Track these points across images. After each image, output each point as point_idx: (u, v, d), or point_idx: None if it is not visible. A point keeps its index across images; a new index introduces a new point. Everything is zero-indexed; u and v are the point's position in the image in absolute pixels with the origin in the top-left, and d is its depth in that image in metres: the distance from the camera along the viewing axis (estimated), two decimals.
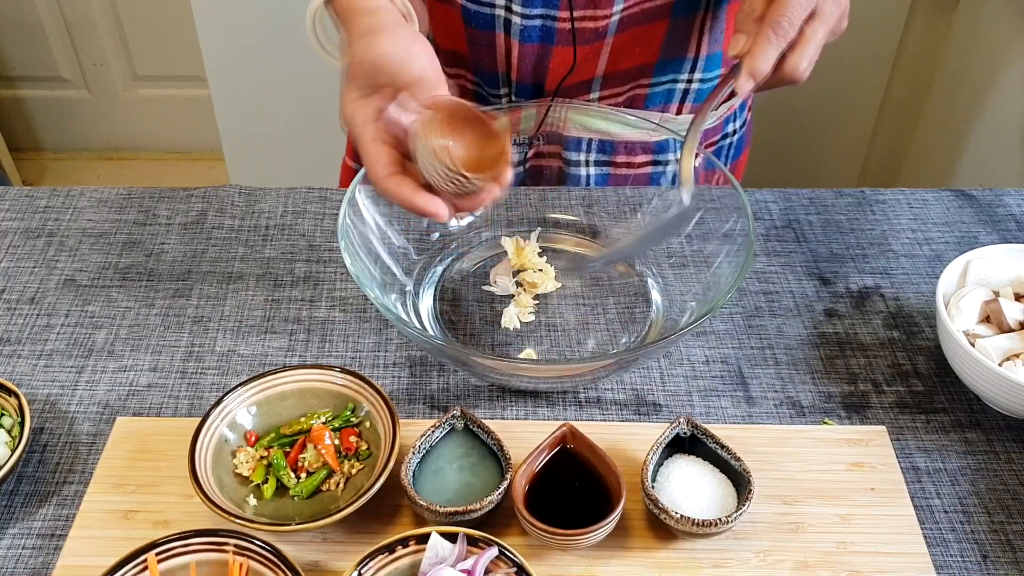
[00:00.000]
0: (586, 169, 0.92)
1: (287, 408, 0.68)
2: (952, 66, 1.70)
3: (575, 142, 0.90)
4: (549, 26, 0.83)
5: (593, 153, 0.91)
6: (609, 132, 0.89)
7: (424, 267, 0.82)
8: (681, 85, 0.90)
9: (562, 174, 0.92)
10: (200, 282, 0.82)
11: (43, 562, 0.62)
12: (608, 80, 0.88)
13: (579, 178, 0.92)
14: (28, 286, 0.82)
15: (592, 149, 0.90)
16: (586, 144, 0.90)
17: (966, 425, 0.71)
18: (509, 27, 0.83)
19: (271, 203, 0.91)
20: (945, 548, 0.63)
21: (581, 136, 0.89)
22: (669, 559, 0.61)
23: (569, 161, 0.91)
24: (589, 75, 0.87)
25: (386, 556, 0.57)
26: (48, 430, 0.70)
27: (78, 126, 2.56)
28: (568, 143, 0.90)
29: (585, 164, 0.91)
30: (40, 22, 2.35)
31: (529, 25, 0.83)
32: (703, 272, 0.77)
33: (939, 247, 0.87)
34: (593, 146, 0.90)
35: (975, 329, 0.71)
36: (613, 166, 0.92)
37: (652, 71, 0.88)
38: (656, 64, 0.87)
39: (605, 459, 0.62)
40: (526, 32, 0.83)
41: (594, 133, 0.89)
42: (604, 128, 0.88)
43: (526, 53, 0.85)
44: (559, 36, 0.83)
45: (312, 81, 1.88)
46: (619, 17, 0.82)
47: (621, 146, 0.90)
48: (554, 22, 0.82)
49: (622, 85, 0.88)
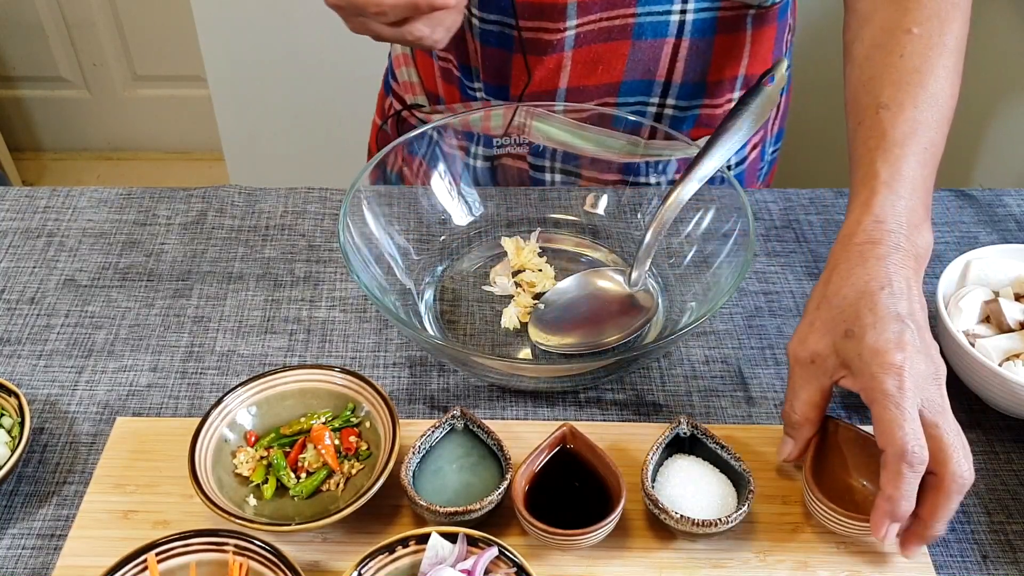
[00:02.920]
0: (551, 175, 0.92)
1: (287, 408, 0.68)
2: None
3: (538, 147, 0.90)
4: (507, 33, 0.83)
5: (559, 162, 0.91)
6: (573, 145, 0.88)
7: (424, 267, 0.82)
8: (652, 108, 0.89)
9: (526, 176, 0.92)
10: (200, 282, 0.82)
11: (43, 562, 0.62)
12: (572, 94, 0.88)
13: (544, 183, 0.93)
14: (28, 286, 0.82)
15: (557, 158, 0.90)
16: (550, 152, 0.90)
17: (966, 425, 0.71)
18: (472, 27, 0.84)
19: (271, 203, 0.91)
20: (945, 548, 0.63)
21: (545, 145, 0.89)
22: (669, 559, 0.61)
23: (534, 166, 0.91)
24: (553, 86, 0.87)
25: (386, 556, 0.57)
26: (48, 430, 0.70)
27: (78, 126, 2.56)
28: (533, 148, 0.90)
29: (551, 171, 0.92)
30: (40, 22, 2.35)
31: (487, 29, 0.83)
32: (703, 272, 0.77)
33: (939, 247, 0.87)
34: (558, 155, 0.90)
35: (975, 329, 0.71)
36: (580, 177, 0.92)
37: (618, 90, 0.87)
38: (621, 84, 0.87)
39: (605, 459, 0.62)
40: (485, 36, 0.84)
41: (558, 144, 0.88)
42: (568, 141, 0.88)
43: (488, 55, 0.86)
44: (516, 44, 0.84)
45: (312, 81, 1.88)
46: (574, 33, 0.82)
47: (586, 160, 0.90)
48: (511, 30, 0.83)
49: (587, 100, 0.88)
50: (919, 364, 0.56)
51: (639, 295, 0.77)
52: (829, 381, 0.61)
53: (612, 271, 0.79)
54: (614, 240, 0.86)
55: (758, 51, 0.88)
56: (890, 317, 0.57)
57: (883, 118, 0.65)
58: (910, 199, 0.62)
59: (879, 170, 0.63)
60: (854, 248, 0.61)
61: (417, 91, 0.98)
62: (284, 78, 1.88)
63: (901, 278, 0.59)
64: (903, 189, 0.62)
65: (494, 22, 0.83)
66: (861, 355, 0.57)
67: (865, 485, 0.63)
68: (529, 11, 0.82)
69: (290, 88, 1.90)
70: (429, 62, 0.94)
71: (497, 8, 0.82)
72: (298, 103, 1.92)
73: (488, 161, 0.91)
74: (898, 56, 0.68)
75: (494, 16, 0.83)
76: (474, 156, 0.90)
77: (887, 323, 0.57)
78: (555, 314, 0.77)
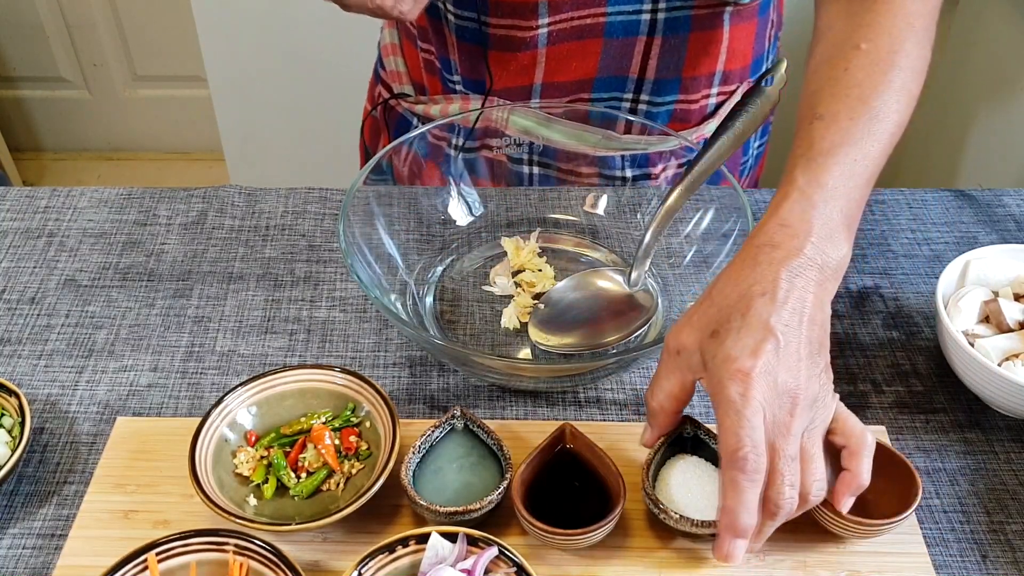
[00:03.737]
0: (529, 168, 0.92)
1: (287, 408, 0.68)
2: (952, 66, 1.70)
3: (517, 141, 0.90)
4: (482, 30, 0.83)
5: (536, 155, 0.91)
6: (550, 139, 0.88)
7: (424, 267, 0.82)
8: (626, 104, 0.89)
9: (505, 170, 0.92)
10: (200, 282, 0.82)
11: (43, 562, 0.62)
12: (547, 89, 0.88)
13: (522, 175, 0.93)
14: (28, 286, 0.82)
15: (534, 151, 0.90)
16: (527, 144, 0.90)
17: (965, 425, 0.71)
18: (448, 22, 0.85)
19: (271, 203, 0.91)
20: (945, 548, 0.63)
21: (521, 137, 0.89)
22: (669, 559, 0.61)
23: (511, 158, 0.91)
24: (528, 82, 0.88)
25: (386, 556, 0.57)
26: (48, 430, 0.70)
27: (78, 126, 2.57)
28: (511, 141, 0.90)
29: (528, 163, 0.92)
30: (40, 22, 2.35)
31: (462, 25, 0.84)
32: (703, 272, 0.77)
33: (938, 247, 0.87)
34: (535, 148, 0.90)
35: (974, 329, 0.71)
36: (557, 170, 0.92)
37: (591, 86, 0.88)
38: (595, 80, 0.87)
39: (605, 459, 0.62)
40: (460, 31, 0.85)
41: (533, 137, 0.88)
42: (545, 135, 0.88)
43: (463, 50, 0.87)
44: (492, 41, 0.84)
45: (312, 81, 1.88)
46: (547, 31, 0.83)
47: (562, 154, 0.90)
48: (486, 27, 0.83)
49: (562, 96, 0.89)
50: (772, 377, 0.53)
51: (639, 295, 0.77)
52: (692, 376, 0.59)
53: (612, 271, 0.79)
54: (614, 240, 0.86)
55: (737, 48, 0.88)
56: (758, 325, 0.54)
57: (815, 128, 0.63)
58: (825, 208, 0.58)
59: (796, 177, 0.60)
60: (751, 249, 0.58)
61: (404, 80, 0.98)
62: (284, 78, 1.88)
63: (789, 286, 0.56)
64: (818, 197, 0.59)
65: (468, 18, 0.83)
66: (716, 357, 0.55)
67: None
68: (502, 9, 0.82)
69: (290, 88, 1.90)
70: (415, 52, 0.95)
71: (471, 5, 0.82)
72: (298, 103, 1.92)
73: (468, 153, 0.91)
74: (842, 70, 0.65)
75: (468, 13, 0.83)
76: (455, 148, 0.90)
77: (751, 331, 0.54)
78: (555, 314, 0.77)
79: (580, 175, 0.91)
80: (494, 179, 0.90)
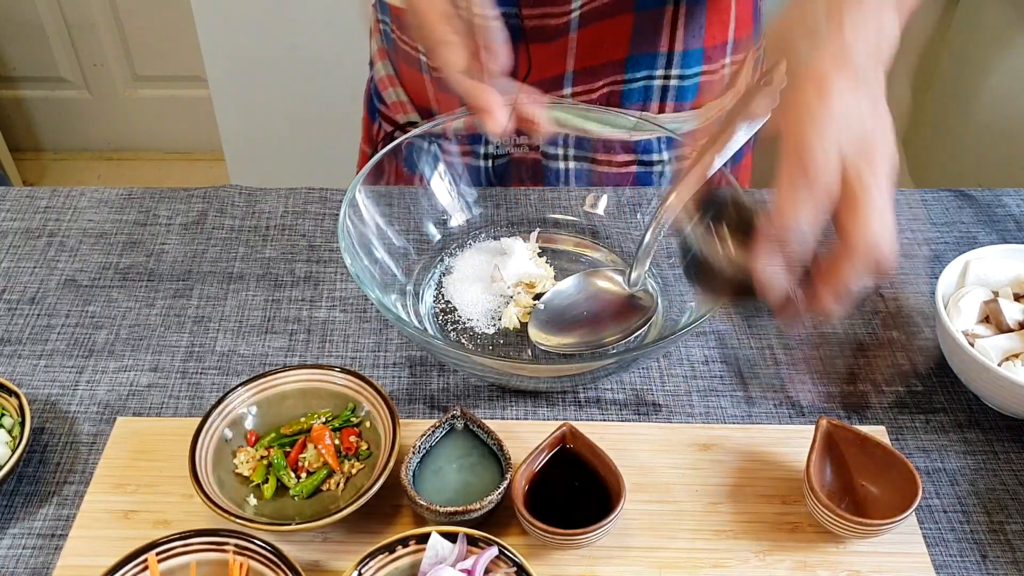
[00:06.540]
0: (565, 163, 0.92)
1: (287, 408, 0.68)
2: (952, 66, 1.70)
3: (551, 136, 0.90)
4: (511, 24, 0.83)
5: (571, 148, 0.91)
6: (585, 129, 0.88)
7: (424, 267, 0.82)
8: (658, 82, 0.90)
9: (541, 167, 0.92)
10: (200, 282, 0.82)
11: (43, 562, 0.62)
12: (580, 76, 0.88)
13: (558, 172, 0.92)
14: (29, 286, 0.82)
15: (570, 144, 0.91)
16: (563, 139, 0.90)
17: (965, 425, 0.71)
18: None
19: (271, 203, 0.91)
20: (945, 548, 0.63)
21: (557, 131, 0.89)
22: (669, 559, 0.61)
23: (547, 155, 0.91)
24: (559, 71, 0.87)
25: (386, 556, 0.57)
26: (48, 430, 0.70)
27: (78, 126, 2.56)
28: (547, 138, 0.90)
29: (564, 159, 0.91)
30: (40, 22, 2.35)
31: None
32: None
33: (938, 247, 0.87)
34: (571, 141, 0.90)
35: (974, 329, 0.71)
36: (594, 163, 0.92)
37: (624, 67, 0.88)
38: (627, 59, 0.87)
39: (605, 459, 0.62)
40: None
41: (569, 129, 0.88)
42: (580, 125, 0.88)
43: None
44: (520, 34, 0.84)
45: (312, 81, 1.88)
46: (579, 13, 0.83)
47: (599, 144, 0.90)
48: (515, 20, 0.83)
49: (595, 81, 0.89)
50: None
51: (639, 295, 0.77)
52: None
53: (611, 271, 0.79)
54: (614, 240, 0.86)
55: (742, 14, 0.90)
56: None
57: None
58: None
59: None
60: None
61: (409, 110, 0.97)
62: (284, 78, 1.88)
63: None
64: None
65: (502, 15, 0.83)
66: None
67: (865, 485, 0.63)
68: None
69: (290, 88, 1.90)
70: (419, 77, 0.94)
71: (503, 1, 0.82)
72: (298, 103, 1.92)
73: (501, 159, 0.91)
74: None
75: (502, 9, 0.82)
76: (484, 157, 0.90)
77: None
78: (555, 314, 0.77)
79: (616, 164, 0.91)
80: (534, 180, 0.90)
